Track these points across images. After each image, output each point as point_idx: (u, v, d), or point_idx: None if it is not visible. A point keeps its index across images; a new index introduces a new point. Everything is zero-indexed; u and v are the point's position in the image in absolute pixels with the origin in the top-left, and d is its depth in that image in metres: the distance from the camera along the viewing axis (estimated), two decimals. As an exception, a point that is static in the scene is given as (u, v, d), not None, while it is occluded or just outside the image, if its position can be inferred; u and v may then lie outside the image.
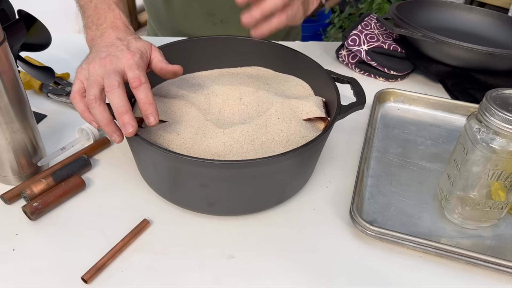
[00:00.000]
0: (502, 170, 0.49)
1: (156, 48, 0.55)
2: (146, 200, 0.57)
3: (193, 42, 0.67)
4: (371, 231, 0.52)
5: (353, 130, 0.71)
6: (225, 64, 0.69)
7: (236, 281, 0.49)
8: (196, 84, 0.64)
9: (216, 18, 0.90)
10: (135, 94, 0.49)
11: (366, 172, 0.62)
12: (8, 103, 0.51)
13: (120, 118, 0.47)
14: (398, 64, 0.83)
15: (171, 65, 0.54)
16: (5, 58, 0.49)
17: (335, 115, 0.54)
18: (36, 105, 0.71)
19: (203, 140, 0.53)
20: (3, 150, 0.54)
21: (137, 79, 0.49)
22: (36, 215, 0.53)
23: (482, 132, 0.49)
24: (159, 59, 0.54)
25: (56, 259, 0.50)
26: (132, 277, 0.48)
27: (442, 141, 0.69)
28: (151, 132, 0.54)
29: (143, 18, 2.65)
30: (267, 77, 0.67)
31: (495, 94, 0.50)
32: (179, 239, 0.53)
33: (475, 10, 0.94)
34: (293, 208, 0.57)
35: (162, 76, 0.54)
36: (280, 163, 0.49)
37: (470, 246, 0.53)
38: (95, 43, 0.54)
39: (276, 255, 0.52)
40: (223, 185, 0.51)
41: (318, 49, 0.93)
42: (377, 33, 0.85)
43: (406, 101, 0.76)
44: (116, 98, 0.47)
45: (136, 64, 0.50)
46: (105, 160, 0.63)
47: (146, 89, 0.49)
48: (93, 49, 0.54)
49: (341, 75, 0.62)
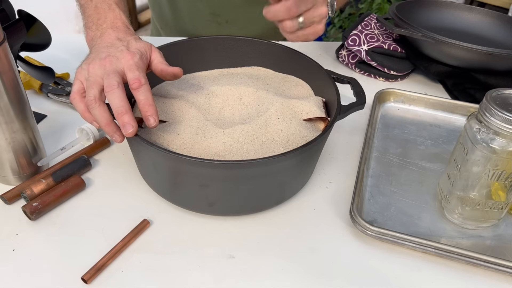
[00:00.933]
0: (502, 170, 0.49)
1: (156, 49, 0.55)
2: (146, 200, 0.57)
3: (193, 42, 0.67)
4: (371, 231, 0.52)
5: (353, 130, 0.71)
6: (225, 64, 0.69)
7: (236, 281, 0.49)
8: (196, 84, 0.64)
9: (221, 19, 0.90)
10: (135, 95, 0.49)
11: (366, 172, 0.62)
12: (8, 103, 0.51)
13: (120, 118, 0.47)
14: (398, 64, 0.83)
15: (171, 67, 0.53)
16: (5, 58, 0.49)
17: (335, 115, 0.54)
18: (36, 105, 0.71)
19: (203, 140, 0.53)
20: (3, 150, 0.54)
21: (136, 80, 0.49)
22: (36, 215, 0.53)
23: (482, 132, 0.49)
24: (159, 60, 0.54)
25: (56, 259, 0.50)
26: (132, 277, 0.48)
27: (442, 141, 0.69)
28: (151, 132, 0.54)
29: (143, 18, 2.65)
30: (267, 77, 0.67)
31: (495, 94, 0.50)
32: (179, 239, 0.53)
33: (475, 10, 0.94)
34: (293, 208, 0.57)
35: (162, 77, 0.54)
36: (280, 163, 0.49)
37: (470, 246, 0.53)
38: (95, 43, 0.54)
39: (276, 255, 0.52)
40: (223, 185, 0.51)
41: (318, 49, 0.93)
42: (377, 33, 0.85)
43: (406, 101, 0.76)
44: (116, 99, 0.47)
45: (135, 65, 0.50)
46: (105, 160, 0.63)
47: (146, 90, 0.49)
48: (93, 49, 0.54)
49: (341, 75, 0.62)
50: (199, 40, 0.67)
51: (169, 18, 0.96)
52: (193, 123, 0.55)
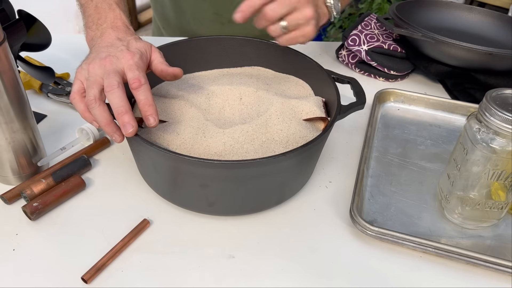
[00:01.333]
0: (502, 170, 0.49)
1: (156, 49, 0.55)
2: (146, 200, 0.57)
3: (193, 42, 0.67)
4: (371, 231, 0.52)
5: (353, 130, 0.71)
6: (225, 64, 0.69)
7: (236, 281, 0.49)
8: (196, 84, 0.64)
9: (224, 19, 0.90)
10: (135, 95, 0.49)
11: (366, 172, 0.62)
12: (8, 103, 0.51)
13: (120, 118, 0.47)
14: (398, 64, 0.83)
15: (172, 68, 0.53)
16: (5, 58, 0.49)
17: (335, 115, 0.54)
18: (36, 105, 0.71)
19: (203, 140, 0.53)
20: (3, 150, 0.54)
21: (136, 80, 0.49)
22: (36, 215, 0.53)
23: (482, 132, 0.49)
24: (160, 60, 0.54)
25: (56, 259, 0.50)
26: (132, 277, 0.48)
27: (442, 141, 0.69)
28: (151, 132, 0.54)
29: (143, 18, 2.65)
30: (267, 77, 0.67)
31: (495, 94, 0.50)
32: (179, 239, 0.53)
33: (475, 10, 0.94)
34: (293, 208, 0.57)
35: (162, 78, 0.54)
36: (280, 163, 0.49)
37: (470, 246, 0.53)
38: (95, 43, 0.54)
39: (276, 255, 0.52)
40: (223, 185, 0.51)
41: (318, 49, 0.93)
42: (377, 33, 0.85)
43: (406, 101, 0.76)
44: (116, 98, 0.47)
45: (136, 64, 0.50)
46: (105, 160, 0.63)
47: (146, 90, 0.49)
48: (93, 49, 0.54)
49: (341, 75, 0.62)
50: (199, 40, 0.67)
51: (171, 18, 0.96)
52: (193, 123, 0.55)
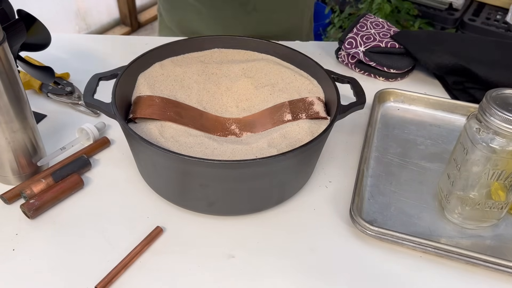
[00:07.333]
0: (502, 170, 0.49)
1: None
2: (146, 200, 0.57)
3: (193, 42, 0.66)
4: (371, 231, 0.52)
5: (353, 130, 0.71)
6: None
7: (236, 281, 0.49)
8: (196, 83, 0.64)
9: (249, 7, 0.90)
10: None
11: (366, 172, 0.62)
12: (8, 103, 0.51)
13: None
14: (398, 62, 0.83)
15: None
16: (5, 58, 0.49)
17: (335, 115, 0.54)
18: (36, 105, 0.71)
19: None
20: (3, 150, 0.54)
21: None
22: (34, 212, 0.53)
23: (482, 132, 0.49)
24: None
25: (56, 259, 0.50)
26: (132, 276, 0.48)
27: (442, 141, 0.69)
28: (151, 132, 0.54)
29: (143, 18, 2.65)
30: (267, 74, 0.67)
31: (495, 94, 0.50)
32: (179, 239, 0.53)
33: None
34: (293, 208, 0.57)
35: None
36: (280, 163, 0.49)
37: (470, 246, 0.53)
38: None
39: (276, 255, 0.52)
40: (223, 185, 0.51)
41: (318, 49, 0.93)
42: (373, 33, 0.85)
43: (406, 101, 0.76)
44: None
45: None
46: (105, 160, 0.63)
47: None
48: None
49: (341, 75, 0.62)
50: (199, 40, 0.67)
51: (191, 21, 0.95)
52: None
